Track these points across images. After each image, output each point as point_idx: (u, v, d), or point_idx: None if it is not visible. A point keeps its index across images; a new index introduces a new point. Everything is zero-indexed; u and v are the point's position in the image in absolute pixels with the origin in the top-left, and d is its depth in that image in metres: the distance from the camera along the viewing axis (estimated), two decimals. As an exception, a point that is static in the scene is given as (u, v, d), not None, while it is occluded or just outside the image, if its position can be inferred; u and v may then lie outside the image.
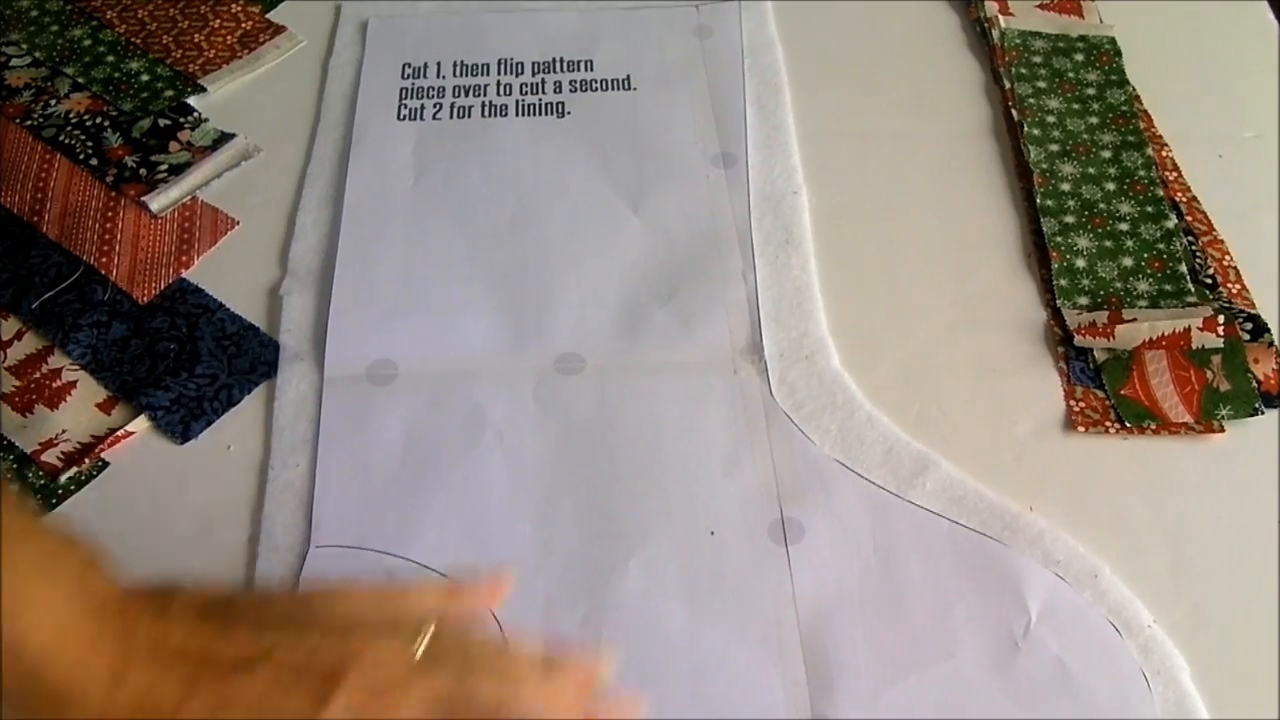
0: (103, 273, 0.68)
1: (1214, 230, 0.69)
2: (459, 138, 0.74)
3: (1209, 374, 0.62)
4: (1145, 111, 0.75)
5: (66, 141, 0.74)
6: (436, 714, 0.43)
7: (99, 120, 0.75)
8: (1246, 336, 0.64)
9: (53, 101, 0.76)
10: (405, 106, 0.76)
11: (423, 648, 0.44)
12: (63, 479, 0.60)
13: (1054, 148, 0.72)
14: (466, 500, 0.59)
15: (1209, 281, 0.66)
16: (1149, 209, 0.69)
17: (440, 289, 0.67)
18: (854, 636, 0.54)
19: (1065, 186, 0.70)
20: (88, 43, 0.80)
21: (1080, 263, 0.67)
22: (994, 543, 0.57)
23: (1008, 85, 0.76)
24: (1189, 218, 0.69)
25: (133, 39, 0.80)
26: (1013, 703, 0.52)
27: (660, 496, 0.58)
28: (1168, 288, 0.66)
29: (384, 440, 0.61)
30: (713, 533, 0.57)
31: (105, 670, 0.41)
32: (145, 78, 0.78)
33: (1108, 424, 0.61)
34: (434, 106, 0.76)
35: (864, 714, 0.52)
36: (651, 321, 0.65)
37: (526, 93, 0.77)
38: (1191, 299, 0.65)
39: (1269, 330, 0.64)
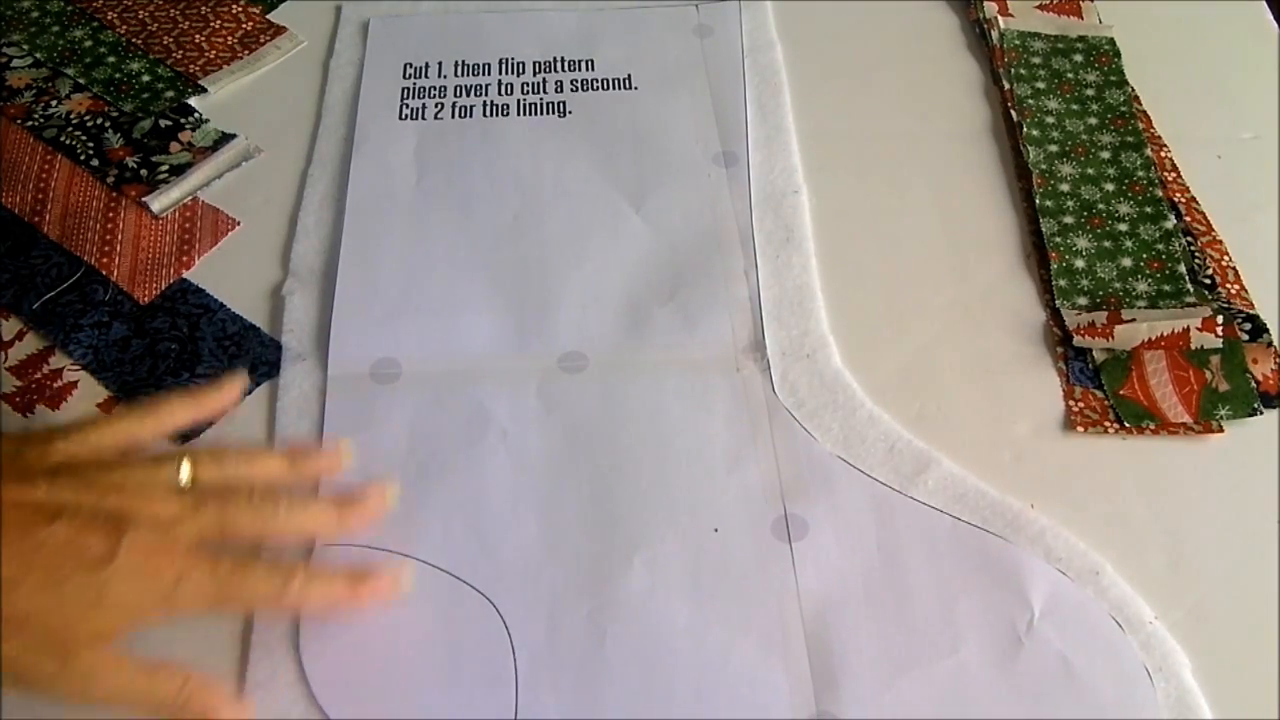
0: (104, 273, 0.68)
1: (1213, 231, 0.69)
2: (461, 137, 0.75)
3: (1208, 374, 0.62)
4: (1144, 112, 0.75)
5: (67, 142, 0.74)
6: (208, 542, 0.50)
7: (100, 121, 0.75)
8: (1245, 337, 0.64)
9: (54, 102, 0.76)
10: (407, 106, 0.76)
11: (186, 477, 0.51)
12: (65, 478, 0.60)
13: (1053, 148, 0.73)
14: (471, 498, 0.59)
15: (1208, 282, 0.67)
16: (1148, 209, 0.69)
17: (443, 288, 0.67)
18: (858, 633, 0.54)
19: (1064, 187, 0.71)
20: (88, 43, 0.80)
21: (1079, 263, 0.67)
22: (997, 539, 0.57)
23: (1007, 86, 0.76)
24: (1188, 218, 0.70)
25: (133, 40, 0.80)
26: (1016, 699, 0.52)
27: (664, 494, 0.59)
28: (1166, 288, 0.66)
29: (388, 439, 0.61)
30: (716, 530, 0.57)
31: None
32: (146, 78, 0.78)
33: (1107, 424, 0.61)
34: (436, 106, 0.76)
35: (868, 710, 0.52)
36: (654, 320, 0.65)
37: (528, 92, 0.77)
38: (1190, 299, 0.65)
39: (1268, 330, 0.64)
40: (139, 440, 0.54)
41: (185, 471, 0.51)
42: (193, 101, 0.77)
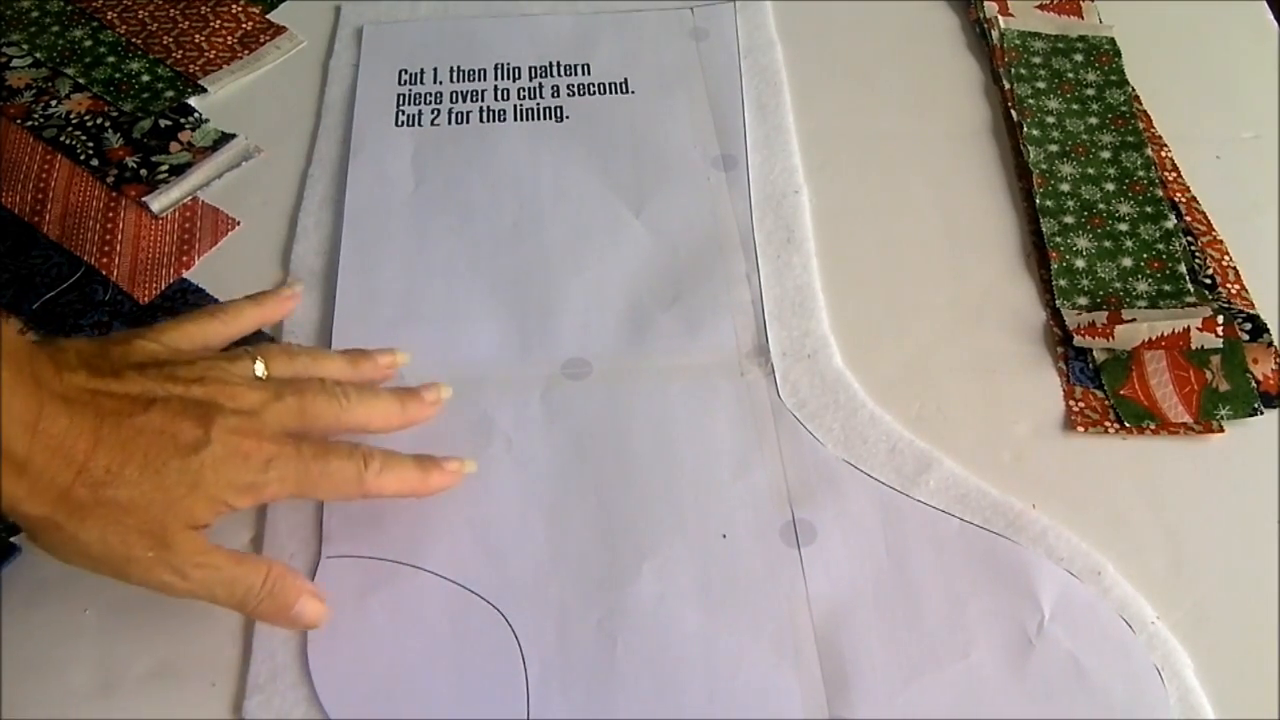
0: (104, 273, 0.68)
1: (1213, 230, 0.69)
2: (458, 143, 0.74)
3: (1208, 374, 0.63)
4: (1144, 112, 0.75)
5: (67, 142, 0.74)
6: (289, 430, 0.52)
7: (100, 121, 0.75)
8: (1245, 337, 0.64)
9: (53, 102, 0.76)
10: (403, 113, 0.76)
11: (262, 370, 0.54)
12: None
13: (1053, 148, 0.73)
14: (477, 508, 0.58)
15: (1208, 282, 0.67)
16: (1148, 209, 0.70)
17: (444, 296, 0.67)
18: (869, 637, 0.54)
19: (1064, 187, 0.71)
20: (88, 43, 0.80)
21: (1079, 263, 0.67)
22: (1005, 540, 0.57)
23: (1007, 86, 0.77)
24: (1188, 218, 0.70)
25: (133, 39, 0.80)
26: (1028, 700, 0.52)
27: (671, 500, 0.59)
28: (1167, 288, 0.66)
29: (393, 448, 0.60)
30: (725, 536, 0.57)
31: (23, 415, 0.45)
32: (146, 78, 0.78)
33: (1107, 424, 0.62)
34: (432, 112, 0.76)
35: (881, 714, 0.52)
36: (657, 325, 0.65)
37: (524, 97, 0.77)
38: (1191, 299, 0.65)
39: (1268, 330, 0.65)
40: (210, 342, 0.57)
41: (260, 366, 0.54)
42: (192, 101, 0.77)
